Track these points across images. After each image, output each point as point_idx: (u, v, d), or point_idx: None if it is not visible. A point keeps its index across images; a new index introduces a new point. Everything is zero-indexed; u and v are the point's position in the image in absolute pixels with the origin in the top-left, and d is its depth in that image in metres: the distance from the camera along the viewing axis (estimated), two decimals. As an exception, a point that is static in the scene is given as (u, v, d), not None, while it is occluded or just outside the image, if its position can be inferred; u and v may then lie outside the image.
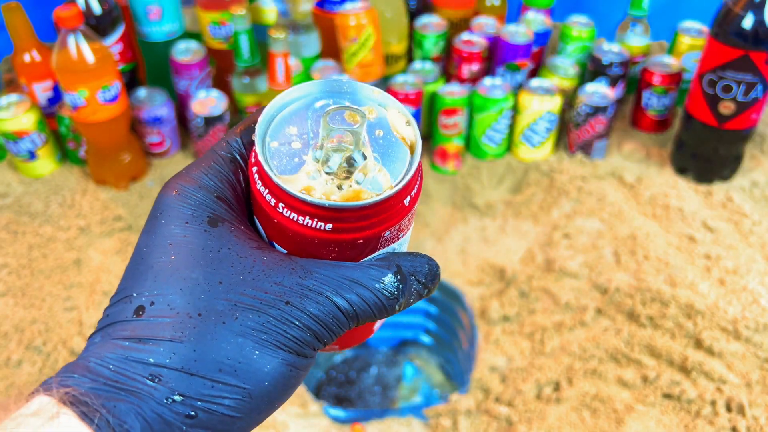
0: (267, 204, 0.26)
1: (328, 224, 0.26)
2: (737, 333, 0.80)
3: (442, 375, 1.09)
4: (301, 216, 0.26)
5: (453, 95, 1.02)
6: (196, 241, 0.26)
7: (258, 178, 0.27)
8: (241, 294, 0.25)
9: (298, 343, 0.26)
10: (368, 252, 0.28)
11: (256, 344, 0.25)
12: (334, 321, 0.26)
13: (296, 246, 0.27)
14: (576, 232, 0.97)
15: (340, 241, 0.26)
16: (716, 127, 0.94)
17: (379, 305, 0.27)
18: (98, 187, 1.01)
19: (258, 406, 0.25)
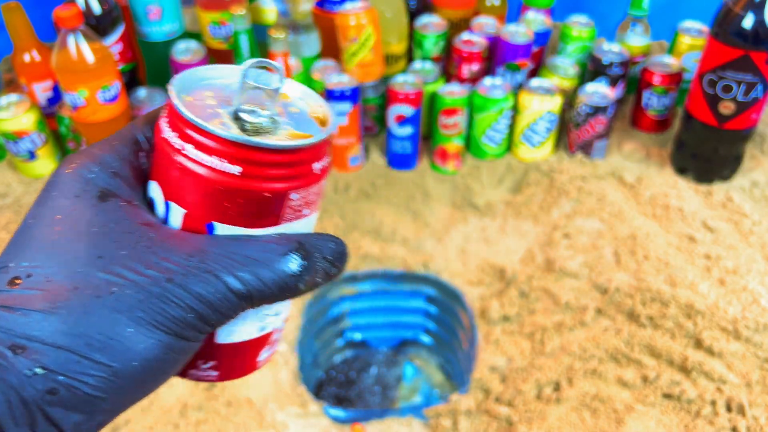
0: (172, 148, 0.25)
1: (236, 166, 0.24)
2: (737, 333, 0.80)
3: (442, 375, 1.09)
4: (208, 156, 0.24)
5: (453, 95, 1.02)
6: (82, 215, 0.25)
7: (166, 126, 0.26)
8: (121, 268, 0.24)
9: (179, 324, 0.24)
10: (272, 218, 0.26)
11: (131, 321, 0.23)
12: (223, 302, 0.24)
13: (197, 200, 0.25)
14: (576, 232, 0.97)
15: (246, 191, 0.25)
16: (716, 127, 0.94)
17: (280, 284, 0.25)
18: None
19: (124, 387, 0.24)
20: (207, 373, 0.29)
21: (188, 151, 0.25)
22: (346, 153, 1.06)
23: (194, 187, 0.25)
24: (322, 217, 1.03)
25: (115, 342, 0.23)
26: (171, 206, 0.26)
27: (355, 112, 1.02)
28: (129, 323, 0.23)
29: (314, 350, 1.03)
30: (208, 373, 0.29)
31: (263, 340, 0.30)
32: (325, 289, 0.99)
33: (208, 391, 0.79)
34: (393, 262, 1.01)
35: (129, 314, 0.24)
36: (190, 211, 0.26)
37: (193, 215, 0.26)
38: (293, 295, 0.26)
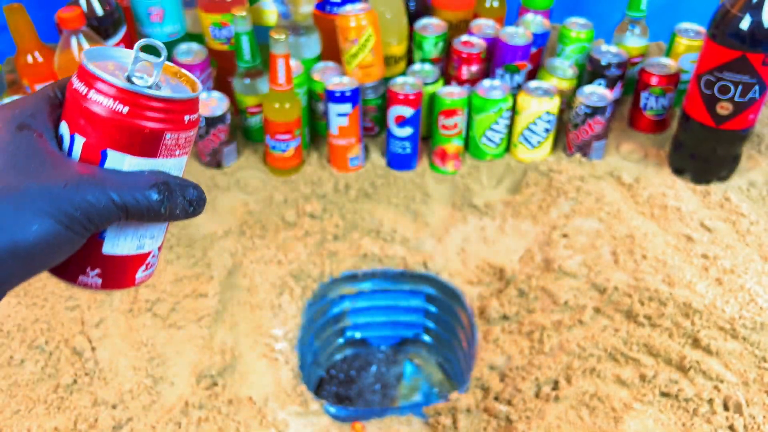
0: (79, 94, 0.34)
1: (125, 106, 0.33)
2: (735, 332, 0.80)
3: (441, 374, 1.10)
4: (105, 98, 0.33)
5: (452, 96, 1.02)
6: (2, 139, 0.33)
7: (76, 80, 0.34)
8: (30, 173, 0.32)
9: (69, 218, 0.31)
10: (151, 151, 0.35)
11: (32, 209, 0.31)
12: (104, 208, 0.32)
13: (95, 131, 0.34)
14: (574, 231, 0.98)
15: (131, 126, 0.34)
16: (714, 128, 0.95)
17: (147, 205, 0.33)
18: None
19: (19, 259, 0.30)
20: (93, 280, 0.37)
21: (90, 95, 0.34)
22: (347, 153, 1.06)
23: (93, 121, 0.34)
24: (322, 217, 1.03)
25: (18, 223, 0.30)
26: (75, 138, 0.34)
27: (355, 113, 1.02)
28: (30, 210, 0.30)
29: (315, 349, 1.04)
30: (93, 280, 0.37)
31: (141, 258, 0.38)
32: (326, 288, 1.00)
33: (209, 389, 0.79)
34: (393, 261, 1.01)
35: (30, 204, 0.31)
36: (89, 140, 0.34)
37: (91, 144, 0.34)
38: (158, 219, 0.34)
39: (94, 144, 0.34)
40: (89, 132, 0.34)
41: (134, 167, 0.35)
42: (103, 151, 0.34)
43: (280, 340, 0.87)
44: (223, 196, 1.05)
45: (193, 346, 0.84)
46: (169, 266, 0.92)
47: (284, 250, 0.99)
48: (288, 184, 1.07)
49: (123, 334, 0.83)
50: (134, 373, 0.79)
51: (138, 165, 0.35)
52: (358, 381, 1.07)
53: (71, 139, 0.34)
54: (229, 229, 1.00)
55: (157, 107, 0.34)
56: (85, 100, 0.34)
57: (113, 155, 0.34)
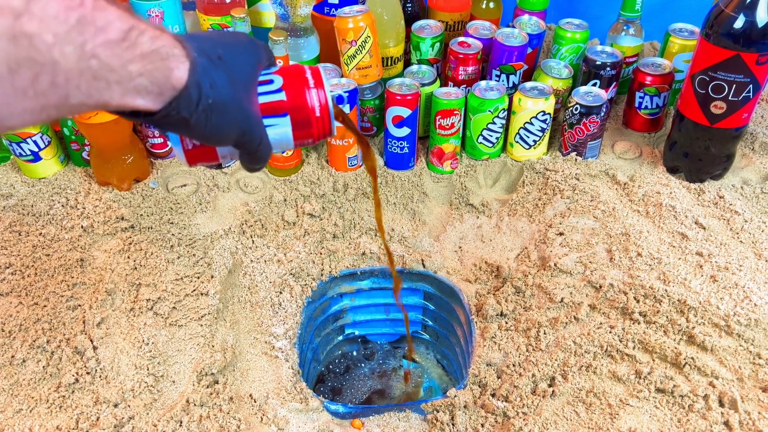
0: (307, 82, 0.55)
1: (320, 112, 0.56)
2: (729, 329, 0.81)
3: (440, 369, 1.11)
4: (318, 99, 0.55)
5: (449, 97, 1.03)
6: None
7: (311, 72, 0.56)
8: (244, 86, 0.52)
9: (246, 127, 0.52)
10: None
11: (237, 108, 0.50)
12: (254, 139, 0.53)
13: (293, 102, 0.55)
14: (570, 230, 0.99)
15: (312, 120, 0.56)
16: (708, 127, 0.96)
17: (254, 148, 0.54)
18: (101, 188, 1.02)
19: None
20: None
21: (313, 89, 0.55)
22: (345, 153, 1.07)
23: (299, 97, 0.54)
24: (321, 216, 1.04)
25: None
26: (279, 90, 0.54)
27: (353, 114, 1.03)
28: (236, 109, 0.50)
29: (314, 346, 1.05)
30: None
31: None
32: (325, 287, 1.01)
33: (210, 387, 0.80)
34: (391, 260, 1.02)
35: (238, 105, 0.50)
36: (285, 100, 0.55)
37: (282, 102, 0.54)
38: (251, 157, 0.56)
39: (283, 105, 0.54)
40: (291, 100, 0.54)
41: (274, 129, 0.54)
42: (283, 113, 0.54)
43: (280, 338, 0.88)
44: (224, 196, 1.06)
45: (194, 345, 0.85)
46: (170, 265, 0.93)
47: (284, 249, 1.00)
48: (287, 184, 1.08)
49: (124, 333, 0.83)
50: (136, 371, 0.79)
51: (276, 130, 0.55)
52: (357, 376, 1.09)
53: (277, 89, 0.54)
54: (230, 229, 1.01)
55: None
56: (308, 88, 0.54)
57: (280, 119, 0.54)
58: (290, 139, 0.55)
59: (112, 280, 0.89)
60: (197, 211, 1.02)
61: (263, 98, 0.53)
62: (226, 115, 0.48)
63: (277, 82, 0.54)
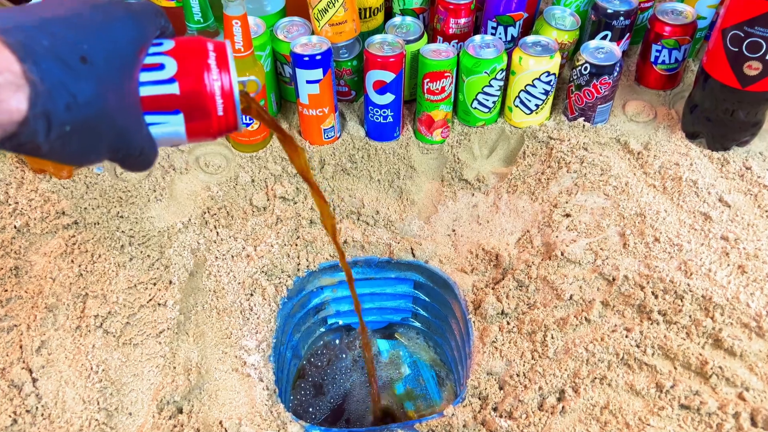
0: (205, 54, 0.43)
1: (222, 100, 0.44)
2: (761, 330, 0.72)
3: (431, 353, 1.02)
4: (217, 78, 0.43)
5: (438, 56, 0.89)
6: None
7: (213, 47, 0.44)
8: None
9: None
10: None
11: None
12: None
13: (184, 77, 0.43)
14: (578, 210, 0.87)
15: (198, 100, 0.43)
16: (738, 90, 0.83)
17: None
18: (36, 176, 0.88)
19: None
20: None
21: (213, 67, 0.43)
22: (320, 125, 0.93)
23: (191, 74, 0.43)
24: (296, 200, 0.91)
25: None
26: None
27: (328, 79, 0.89)
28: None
29: (294, 343, 0.95)
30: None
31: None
32: (303, 282, 0.89)
33: (173, 418, 0.70)
34: (377, 248, 0.91)
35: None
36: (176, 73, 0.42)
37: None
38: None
39: (174, 100, 0.42)
40: (186, 92, 0.42)
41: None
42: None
43: (252, 353, 0.78)
44: (181, 180, 0.92)
45: (153, 367, 0.74)
46: (121, 270, 0.80)
47: (254, 241, 0.88)
48: (255, 162, 0.94)
49: (69, 359, 0.72)
50: (84, 406, 0.69)
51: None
52: (338, 366, 0.99)
53: (168, 79, 0.42)
54: (189, 220, 0.88)
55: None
56: (209, 75, 0.42)
57: (169, 117, 0.43)
58: (182, 138, 0.44)
59: (54, 292, 0.77)
60: (151, 200, 0.88)
61: (148, 90, 0.41)
62: (93, 136, 0.37)
63: (168, 67, 0.42)
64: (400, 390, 0.99)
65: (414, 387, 0.99)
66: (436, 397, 0.97)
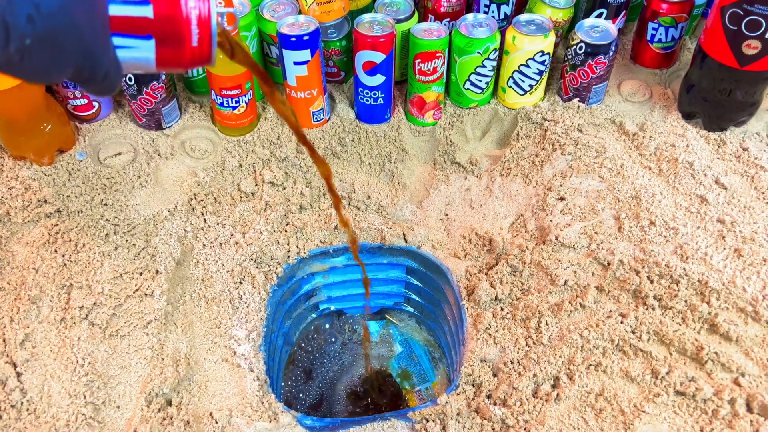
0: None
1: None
2: (757, 315, 0.71)
3: (424, 334, 1.00)
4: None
5: (430, 36, 0.86)
6: None
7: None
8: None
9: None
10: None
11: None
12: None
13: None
14: (572, 193, 0.86)
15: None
16: (736, 69, 0.81)
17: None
18: (17, 163, 0.85)
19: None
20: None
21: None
22: (308, 107, 0.91)
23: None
24: (285, 185, 0.89)
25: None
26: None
27: (316, 60, 0.86)
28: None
29: (285, 330, 0.94)
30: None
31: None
32: (293, 269, 0.88)
33: (162, 411, 0.69)
34: (368, 234, 0.89)
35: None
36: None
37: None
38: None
39: (146, 24, 0.39)
40: (159, 17, 0.40)
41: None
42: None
43: (242, 342, 0.76)
44: (167, 165, 0.90)
45: (141, 359, 0.72)
46: (106, 260, 0.78)
47: (242, 228, 0.86)
48: (242, 146, 0.92)
49: (54, 352, 0.70)
50: (71, 401, 0.67)
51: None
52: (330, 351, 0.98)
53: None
54: (176, 207, 0.86)
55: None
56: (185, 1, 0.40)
57: (140, 41, 0.40)
58: (151, 65, 0.42)
59: (37, 284, 0.75)
60: (135, 186, 0.86)
61: (119, 9, 0.39)
62: (56, 52, 0.35)
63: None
64: (394, 367, 0.98)
65: (407, 364, 0.98)
66: (431, 373, 0.96)
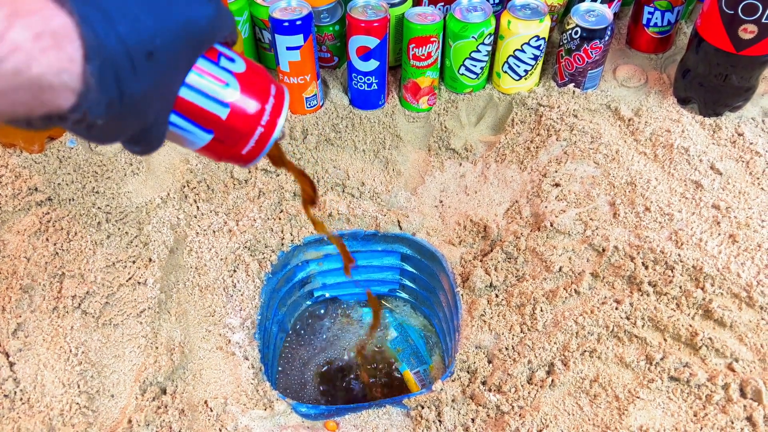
0: None
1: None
2: (751, 300, 0.71)
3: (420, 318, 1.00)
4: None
5: (424, 21, 0.85)
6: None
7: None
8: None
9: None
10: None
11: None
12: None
13: None
14: (567, 179, 0.85)
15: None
16: (732, 54, 0.81)
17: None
18: (6, 151, 0.84)
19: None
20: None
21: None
22: (302, 93, 0.90)
23: None
24: (278, 172, 0.89)
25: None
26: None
27: (309, 45, 0.85)
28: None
29: (280, 317, 0.93)
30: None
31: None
32: (287, 257, 0.87)
33: (157, 399, 0.68)
34: (363, 221, 0.88)
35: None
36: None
37: None
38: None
39: (214, 122, 0.39)
40: (230, 124, 0.40)
41: None
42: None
43: (236, 330, 0.76)
44: (158, 152, 0.89)
45: (135, 348, 0.72)
46: (98, 248, 0.78)
47: (235, 215, 0.85)
48: (235, 133, 0.91)
49: (47, 341, 0.70)
50: (64, 390, 0.67)
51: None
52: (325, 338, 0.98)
53: (222, 101, 0.39)
54: (168, 195, 0.85)
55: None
56: (259, 121, 0.40)
57: (198, 131, 0.40)
58: (193, 149, 0.41)
59: (29, 273, 0.74)
60: (127, 174, 0.85)
61: (198, 98, 0.38)
62: (119, 129, 0.35)
63: (231, 90, 0.39)
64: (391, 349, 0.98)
65: (404, 347, 0.98)
66: (427, 357, 0.96)
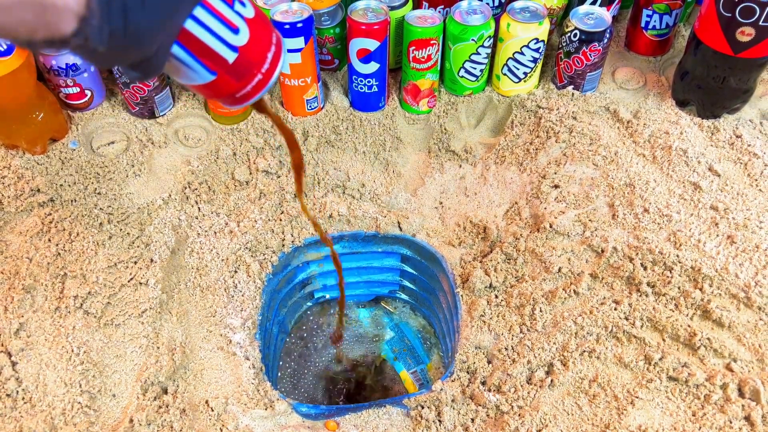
0: None
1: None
2: (749, 301, 0.72)
3: (419, 319, 1.01)
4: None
5: (424, 23, 0.86)
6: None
7: None
8: None
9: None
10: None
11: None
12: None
13: None
14: (567, 180, 0.86)
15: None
16: (730, 56, 0.81)
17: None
18: (9, 152, 0.85)
19: None
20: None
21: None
22: (302, 95, 0.91)
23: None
24: (279, 173, 0.89)
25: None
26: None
27: (310, 48, 0.86)
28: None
29: (281, 318, 0.94)
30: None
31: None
32: (288, 258, 0.88)
33: (158, 399, 0.69)
34: (363, 222, 0.89)
35: None
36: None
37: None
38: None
39: (220, 64, 0.41)
40: (235, 68, 0.42)
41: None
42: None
43: (237, 331, 0.76)
44: (160, 154, 0.89)
45: (136, 348, 0.72)
46: (100, 249, 0.78)
47: (236, 217, 0.86)
48: (236, 134, 0.91)
49: (49, 341, 0.70)
50: (66, 389, 0.67)
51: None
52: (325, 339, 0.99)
53: (232, 45, 0.41)
54: (170, 196, 0.85)
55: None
56: (260, 69, 0.43)
57: (201, 70, 0.41)
58: (190, 85, 0.43)
59: (31, 273, 0.74)
60: (129, 175, 0.86)
61: (207, 37, 0.39)
62: (120, 56, 0.37)
63: (241, 36, 0.41)
64: (386, 351, 0.98)
65: (400, 348, 0.98)
66: (424, 356, 0.97)
